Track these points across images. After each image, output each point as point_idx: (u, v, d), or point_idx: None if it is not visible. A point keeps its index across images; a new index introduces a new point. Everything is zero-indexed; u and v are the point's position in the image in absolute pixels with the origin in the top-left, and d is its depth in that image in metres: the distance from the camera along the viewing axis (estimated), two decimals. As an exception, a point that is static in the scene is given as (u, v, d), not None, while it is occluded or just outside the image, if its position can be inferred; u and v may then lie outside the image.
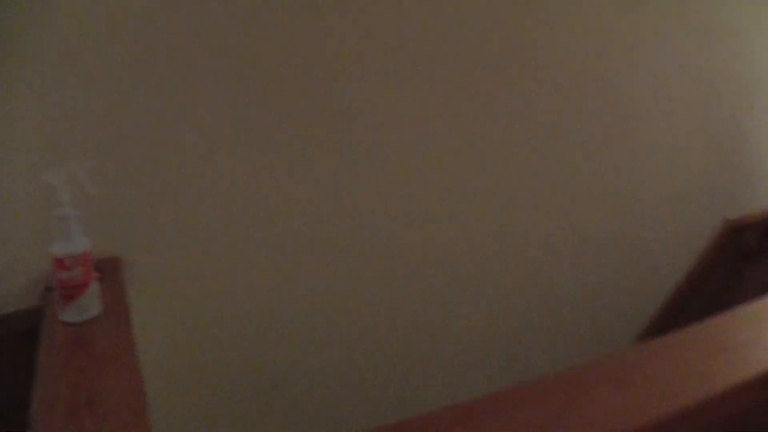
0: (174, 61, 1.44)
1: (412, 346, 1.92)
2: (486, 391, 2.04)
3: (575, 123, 2.12)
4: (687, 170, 2.59)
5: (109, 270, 1.34)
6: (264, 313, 1.65)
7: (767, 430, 1.04)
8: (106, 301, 1.19)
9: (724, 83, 2.60)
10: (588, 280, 2.37)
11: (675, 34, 2.35)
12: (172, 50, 1.44)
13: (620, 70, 2.19)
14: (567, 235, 2.25)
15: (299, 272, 1.66)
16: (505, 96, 1.93)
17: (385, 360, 1.87)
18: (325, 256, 1.69)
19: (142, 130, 1.45)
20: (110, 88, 1.41)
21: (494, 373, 2.17)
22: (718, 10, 2.47)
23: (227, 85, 1.49)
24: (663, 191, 2.53)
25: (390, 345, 1.88)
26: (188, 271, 1.53)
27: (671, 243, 2.65)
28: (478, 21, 1.83)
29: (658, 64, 2.30)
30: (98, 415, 0.84)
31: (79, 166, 1.15)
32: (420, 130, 1.80)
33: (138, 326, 1.38)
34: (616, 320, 2.58)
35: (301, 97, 1.59)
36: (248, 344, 1.64)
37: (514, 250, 2.12)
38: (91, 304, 1.16)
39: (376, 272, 1.83)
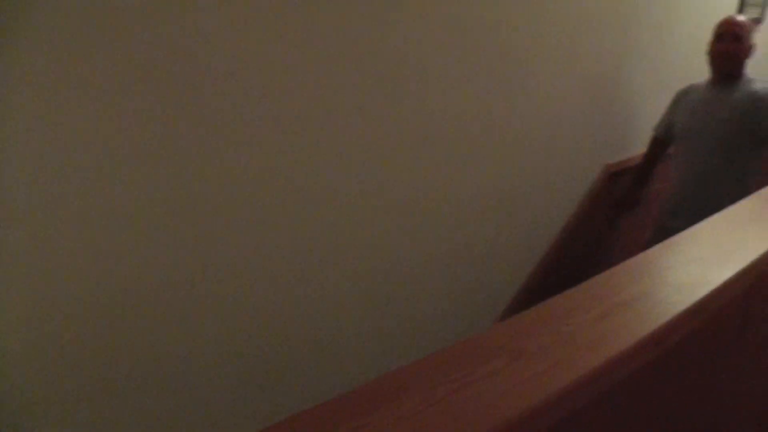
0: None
1: (290, 326, 1.78)
2: (374, 370, 1.95)
3: (452, 75, 2.02)
4: (568, 118, 2.57)
5: None
6: (124, 288, 1.45)
7: (662, 385, 1.00)
8: None
9: (602, 30, 2.58)
10: (473, 237, 2.31)
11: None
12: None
13: (498, 19, 2.11)
14: (449, 194, 2.16)
15: (156, 240, 1.47)
16: (379, 48, 1.78)
17: (263, 341, 1.71)
18: (182, 224, 1.50)
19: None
20: None
21: (382, 349, 2.08)
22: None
23: (55, 33, 1.25)
24: (545, 141, 2.51)
25: (267, 325, 1.72)
26: (34, 247, 1.31)
27: (556, 192, 2.64)
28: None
29: (534, 13, 2.23)
30: None
31: None
32: (280, 83, 1.60)
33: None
34: (505, 274, 2.56)
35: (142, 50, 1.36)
36: (107, 324, 1.44)
37: (394, 212, 2.00)
38: None
39: (242, 244, 1.64)
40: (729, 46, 2.42)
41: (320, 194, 1.73)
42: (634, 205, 2.85)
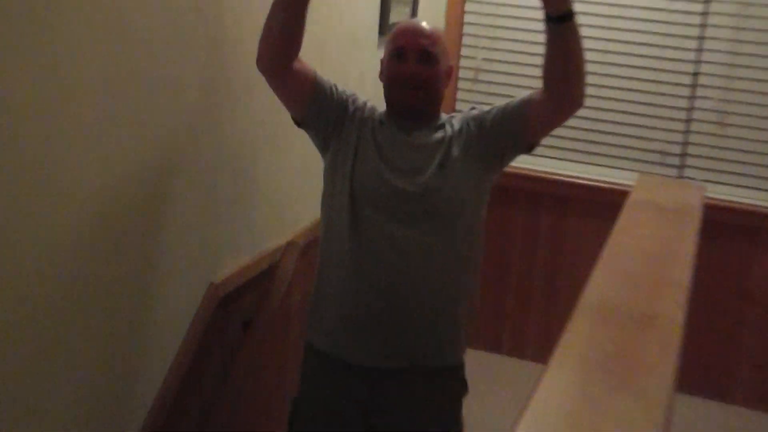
0: None
1: None
2: None
3: None
4: (169, 232, 2.33)
5: None
6: None
7: None
8: None
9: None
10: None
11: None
12: None
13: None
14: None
15: None
16: None
17: None
18: None
19: None
20: None
21: None
22: None
23: None
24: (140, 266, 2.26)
25: None
26: None
27: (149, 331, 2.37)
28: None
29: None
30: None
31: None
32: None
33: None
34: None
35: None
36: None
37: None
38: None
39: None
40: (417, 68, 2.12)
41: None
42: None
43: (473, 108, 2.28)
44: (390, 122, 2.24)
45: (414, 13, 3.57)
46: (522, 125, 2.18)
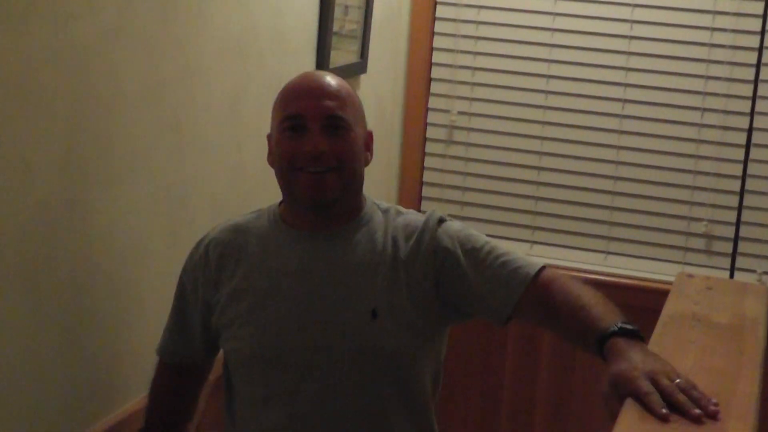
0: None
1: None
2: None
3: None
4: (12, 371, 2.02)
5: None
6: None
7: None
8: None
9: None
10: None
11: None
12: None
13: None
14: None
15: None
16: None
17: None
18: None
19: None
20: None
21: None
22: None
23: None
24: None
25: None
26: None
27: None
28: None
29: None
30: None
31: None
32: None
33: None
34: None
35: None
36: None
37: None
38: None
39: None
40: (323, 142, 1.93)
41: None
42: None
43: (442, 220, 2.04)
44: (284, 230, 2.06)
45: (364, 51, 3.43)
46: (510, 307, 1.97)
